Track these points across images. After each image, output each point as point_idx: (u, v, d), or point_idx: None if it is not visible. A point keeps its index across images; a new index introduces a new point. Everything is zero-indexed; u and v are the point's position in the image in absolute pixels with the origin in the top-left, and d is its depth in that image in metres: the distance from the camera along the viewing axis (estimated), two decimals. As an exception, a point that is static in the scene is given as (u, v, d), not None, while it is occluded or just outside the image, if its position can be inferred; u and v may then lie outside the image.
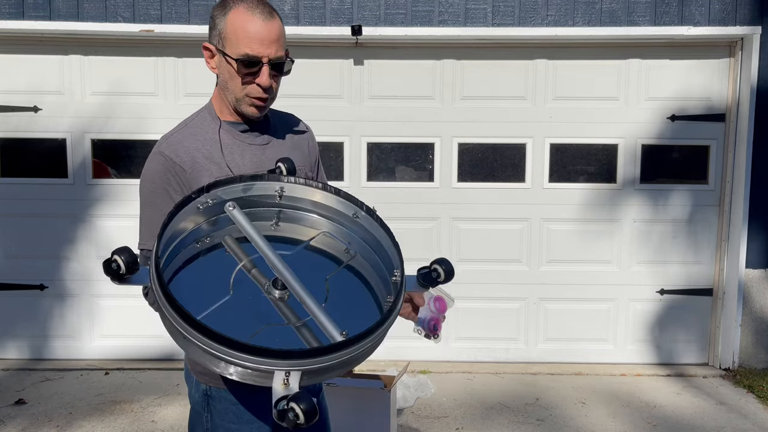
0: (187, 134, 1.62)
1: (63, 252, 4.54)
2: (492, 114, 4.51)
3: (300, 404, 1.08)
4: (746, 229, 4.37)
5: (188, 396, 1.68)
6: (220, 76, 1.62)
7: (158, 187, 1.55)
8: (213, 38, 1.59)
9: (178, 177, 1.55)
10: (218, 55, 1.59)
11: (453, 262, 1.72)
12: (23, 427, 3.52)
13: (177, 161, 1.55)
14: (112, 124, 4.48)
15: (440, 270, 1.62)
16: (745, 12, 4.26)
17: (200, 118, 1.66)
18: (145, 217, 1.56)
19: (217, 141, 1.60)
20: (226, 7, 1.53)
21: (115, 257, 1.22)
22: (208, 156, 1.58)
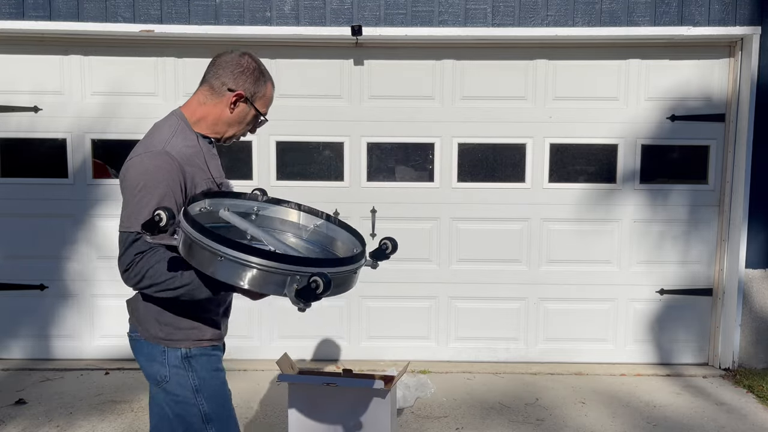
0: (180, 141, 1.86)
1: (63, 252, 4.55)
2: (492, 114, 4.51)
3: (320, 276, 1.48)
4: (746, 229, 4.38)
5: (154, 375, 1.92)
6: (233, 114, 1.94)
7: (170, 180, 1.77)
8: (246, 90, 1.92)
9: (181, 176, 1.80)
10: (247, 104, 1.94)
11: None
12: (23, 427, 3.52)
13: (180, 162, 1.80)
14: (112, 124, 4.48)
15: (389, 244, 1.96)
16: (745, 12, 4.26)
17: (181, 128, 1.90)
18: (150, 205, 1.72)
19: (199, 150, 1.91)
20: (264, 77, 1.96)
21: (159, 211, 1.52)
22: (195, 161, 1.87)
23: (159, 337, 1.90)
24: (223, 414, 1.91)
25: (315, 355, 4.61)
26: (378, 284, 4.55)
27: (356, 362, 4.49)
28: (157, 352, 1.91)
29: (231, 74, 1.91)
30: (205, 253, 1.55)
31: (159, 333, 1.90)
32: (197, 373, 1.89)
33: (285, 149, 4.52)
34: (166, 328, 1.89)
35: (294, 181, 4.53)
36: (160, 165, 1.77)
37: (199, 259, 1.58)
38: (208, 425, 1.88)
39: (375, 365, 4.47)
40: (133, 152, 1.85)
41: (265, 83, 1.96)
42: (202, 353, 1.91)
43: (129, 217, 1.76)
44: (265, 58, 4.41)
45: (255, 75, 1.93)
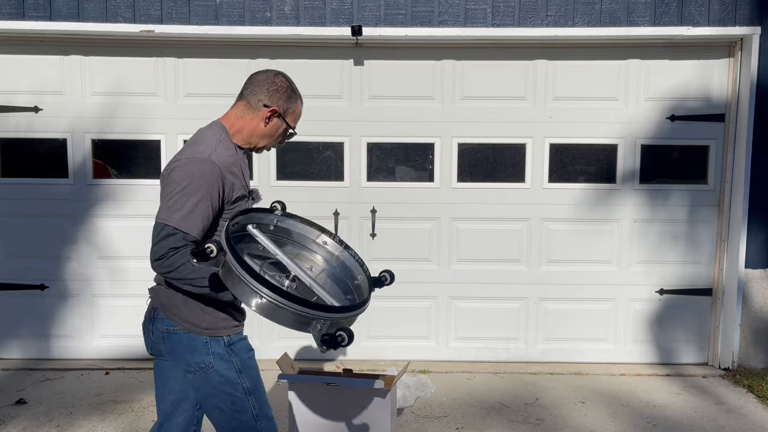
0: (223, 150, 2.09)
1: (63, 252, 4.55)
2: (492, 114, 4.51)
3: (344, 331, 1.74)
4: (746, 229, 4.38)
5: (195, 364, 2.10)
6: (267, 127, 2.19)
7: (210, 186, 1.99)
8: (279, 105, 2.17)
9: (221, 182, 2.03)
10: (279, 119, 2.18)
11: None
12: (24, 426, 3.53)
13: (222, 171, 2.03)
14: (112, 125, 4.49)
15: (388, 276, 2.21)
16: (745, 12, 4.26)
17: (224, 140, 2.15)
18: (199, 208, 1.97)
19: (238, 159, 2.14)
20: (295, 95, 2.21)
21: (210, 244, 1.74)
22: (234, 170, 2.10)
23: (202, 328, 2.09)
24: (258, 386, 2.21)
25: (315, 354, 4.61)
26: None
27: (356, 362, 4.50)
28: (200, 343, 2.09)
29: (266, 92, 2.18)
30: (246, 288, 1.75)
31: (202, 324, 2.09)
32: (238, 356, 2.15)
33: (285, 149, 4.52)
34: (207, 318, 2.09)
35: (294, 181, 4.54)
36: (204, 170, 1.98)
37: (239, 291, 1.78)
38: (250, 397, 2.16)
39: (375, 365, 4.47)
40: (179, 154, 2.08)
41: (296, 101, 2.21)
42: (239, 338, 2.18)
43: (167, 211, 1.95)
44: (265, 58, 4.43)
45: (288, 93, 2.18)
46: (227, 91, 4.45)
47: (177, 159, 2.06)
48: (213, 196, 1.99)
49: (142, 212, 4.52)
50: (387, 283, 2.20)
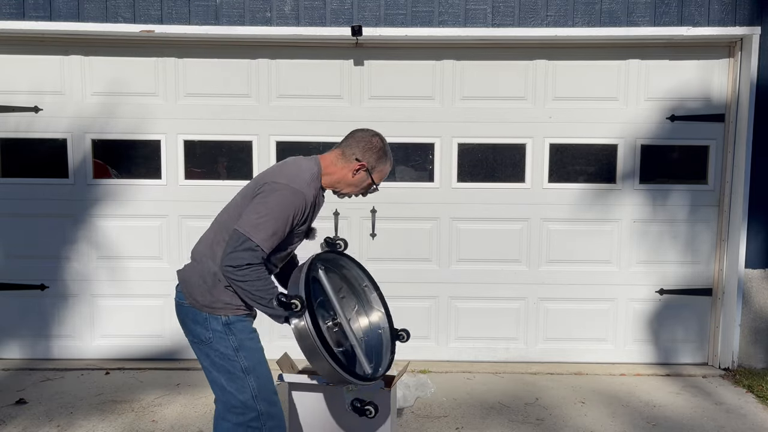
0: (312, 189, 2.35)
1: (63, 252, 4.55)
2: (492, 114, 4.51)
3: (372, 406, 2.40)
4: (745, 229, 4.38)
5: (198, 335, 2.36)
6: (354, 178, 2.44)
7: (294, 216, 2.28)
8: (369, 163, 2.43)
9: (302, 213, 2.31)
10: (366, 174, 2.44)
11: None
12: (24, 426, 3.53)
13: (308, 203, 2.32)
14: (112, 125, 4.49)
15: (405, 335, 2.62)
16: (745, 12, 4.26)
17: (316, 178, 2.40)
18: (277, 228, 2.24)
19: (316, 198, 2.40)
20: (386, 157, 2.47)
21: (296, 301, 2.16)
22: (310, 206, 2.36)
23: (202, 305, 2.33)
24: (259, 368, 2.37)
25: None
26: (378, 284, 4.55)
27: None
28: (201, 318, 2.34)
29: (361, 148, 2.42)
30: (318, 354, 2.18)
31: (204, 302, 2.33)
32: (236, 335, 2.34)
33: (285, 149, 4.52)
34: (210, 298, 2.33)
35: (294, 181, 4.53)
36: (296, 203, 2.26)
37: (308, 353, 2.22)
38: (248, 376, 2.33)
39: (375, 365, 4.47)
40: (278, 176, 2.31)
41: (385, 162, 2.47)
42: (239, 320, 2.36)
43: (255, 228, 2.20)
44: (265, 58, 4.43)
45: (379, 153, 2.44)
46: (227, 91, 4.48)
47: (276, 181, 2.29)
48: (292, 222, 2.28)
49: (143, 212, 4.53)
50: (403, 340, 2.59)
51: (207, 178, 4.56)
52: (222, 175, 4.59)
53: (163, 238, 4.56)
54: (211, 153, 4.59)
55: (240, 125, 4.49)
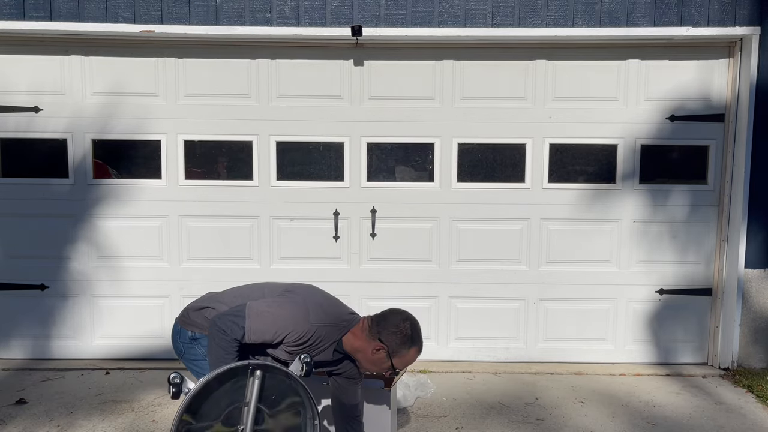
0: (326, 332, 2.40)
1: (64, 252, 4.55)
2: (492, 114, 4.51)
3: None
4: (745, 229, 4.38)
5: (177, 345, 2.63)
6: (373, 356, 2.40)
7: (286, 332, 2.34)
8: (390, 346, 2.37)
9: (297, 339, 2.36)
10: (386, 355, 2.38)
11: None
12: (24, 426, 3.53)
13: (305, 336, 2.36)
14: (112, 124, 4.49)
15: None
16: (745, 12, 4.27)
17: (340, 332, 2.44)
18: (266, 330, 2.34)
19: (324, 347, 2.43)
20: (410, 344, 2.40)
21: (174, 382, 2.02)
22: (313, 345, 2.39)
23: (184, 320, 2.62)
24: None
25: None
26: (378, 284, 4.56)
27: (356, 362, 4.50)
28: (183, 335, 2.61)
29: (387, 329, 2.39)
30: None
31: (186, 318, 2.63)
32: (200, 346, 2.55)
33: (285, 149, 4.53)
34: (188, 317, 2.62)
35: (294, 181, 4.53)
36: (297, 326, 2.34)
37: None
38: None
39: (375, 365, 4.47)
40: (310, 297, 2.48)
41: (409, 349, 2.39)
42: (201, 336, 2.56)
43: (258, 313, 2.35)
44: (265, 58, 4.44)
45: (403, 339, 2.38)
46: (227, 92, 4.48)
47: (306, 295, 2.47)
48: (281, 338, 2.35)
49: (143, 212, 4.53)
50: None
51: (207, 178, 4.57)
52: (222, 175, 4.59)
53: (163, 238, 4.56)
54: (211, 153, 4.59)
55: (240, 125, 4.49)
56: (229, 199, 4.50)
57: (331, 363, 2.52)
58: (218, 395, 1.98)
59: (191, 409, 1.93)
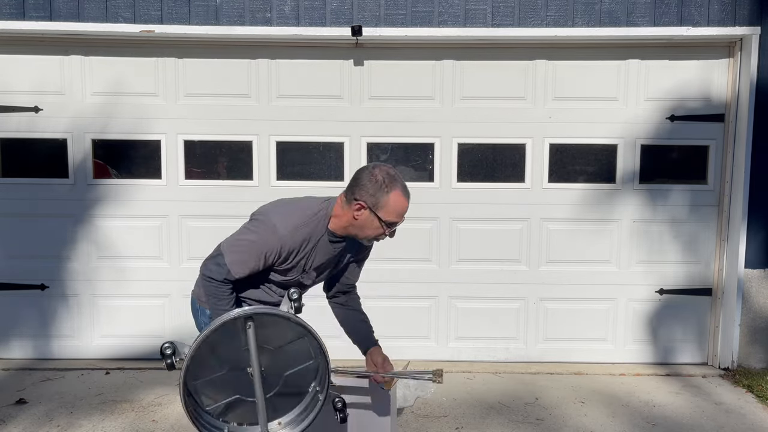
0: (305, 233, 2.25)
1: (64, 252, 4.55)
2: (492, 114, 4.52)
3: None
4: (745, 229, 4.38)
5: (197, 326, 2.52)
6: (358, 221, 2.23)
7: (267, 255, 2.22)
8: (368, 200, 2.19)
9: (278, 255, 2.24)
10: (369, 213, 2.20)
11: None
12: (24, 426, 3.53)
13: (283, 247, 2.22)
14: (112, 125, 4.49)
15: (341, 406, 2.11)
16: (745, 12, 4.27)
17: (320, 224, 2.28)
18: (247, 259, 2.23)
19: (311, 242, 2.27)
20: (388, 187, 2.18)
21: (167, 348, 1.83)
22: (301, 252, 2.27)
23: (198, 296, 2.49)
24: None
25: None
26: (378, 284, 4.56)
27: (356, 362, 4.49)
28: (195, 308, 2.52)
29: (359, 187, 2.20)
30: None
31: (198, 293, 2.49)
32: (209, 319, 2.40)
33: (285, 149, 4.53)
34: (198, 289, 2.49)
35: (294, 181, 4.54)
36: (270, 244, 2.20)
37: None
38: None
39: (375, 365, 4.47)
40: (273, 210, 2.30)
41: (388, 194, 2.18)
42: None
43: (231, 246, 2.25)
44: (264, 58, 4.44)
45: (378, 187, 2.18)
46: (227, 91, 4.48)
47: (268, 211, 2.30)
48: (265, 260, 2.23)
49: (143, 212, 4.53)
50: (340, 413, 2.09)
51: (207, 178, 4.57)
52: (222, 175, 4.59)
53: (163, 238, 4.56)
54: (211, 153, 4.59)
55: (240, 125, 4.49)
56: (229, 199, 4.50)
57: (342, 255, 2.40)
58: (219, 348, 1.95)
59: (193, 373, 1.89)
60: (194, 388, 1.92)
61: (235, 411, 2.00)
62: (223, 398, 1.97)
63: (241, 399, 1.98)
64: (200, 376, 1.92)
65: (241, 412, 2.00)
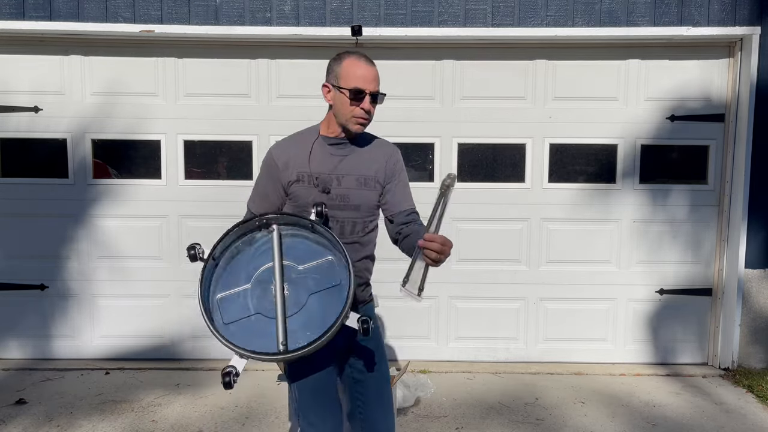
0: (292, 142, 2.22)
1: (63, 252, 4.55)
2: (492, 114, 4.51)
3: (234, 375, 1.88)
4: (745, 229, 4.38)
5: None
6: (334, 105, 2.17)
7: (264, 174, 2.22)
8: (330, 79, 2.17)
9: (274, 171, 2.18)
10: (334, 90, 2.14)
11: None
12: (24, 426, 3.53)
13: (276, 161, 2.18)
14: (112, 124, 4.49)
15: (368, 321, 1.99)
16: (745, 12, 4.27)
17: (308, 131, 2.24)
18: (259, 192, 2.25)
19: (305, 148, 2.19)
20: (340, 58, 2.16)
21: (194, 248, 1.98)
22: (298, 160, 2.17)
23: None
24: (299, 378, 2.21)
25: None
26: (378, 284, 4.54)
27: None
28: None
29: (327, 74, 2.20)
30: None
31: None
32: None
33: (285, 149, 4.52)
34: None
35: (294, 181, 4.53)
36: (265, 160, 2.21)
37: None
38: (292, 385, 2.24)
39: (375, 365, 4.47)
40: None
41: (341, 62, 2.14)
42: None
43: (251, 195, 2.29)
44: (264, 58, 4.43)
45: (331, 62, 2.16)
46: (227, 91, 4.48)
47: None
48: (270, 180, 2.19)
49: (143, 212, 4.53)
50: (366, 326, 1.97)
51: (207, 178, 4.57)
52: (222, 175, 4.59)
53: (163, 238, 4.56)
54: (211, 153, 4.59)
55: (240, 125, 4.49)
56: (228, 199, 4.49)
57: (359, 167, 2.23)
58: (243, 260, 2.00)
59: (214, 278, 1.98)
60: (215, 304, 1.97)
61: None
62: (242, 315, 1.97)
63: (262, 315, 1.97)
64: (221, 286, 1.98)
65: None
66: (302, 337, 1.92)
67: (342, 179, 2.18)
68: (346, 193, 2.19)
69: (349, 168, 2.21)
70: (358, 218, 2.29)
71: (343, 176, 2.19)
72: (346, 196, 2.20)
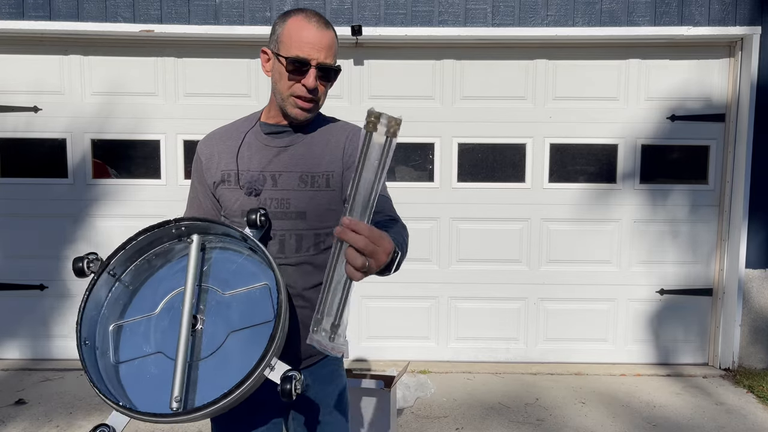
0: (223, 132, 1.77)
1: (63, 252, 4.55)
2: (492, 114, 4.51)
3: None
4: (746, 229, 4.38)
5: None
6: (272, 79, 1.67)
7: (192, 174, 1.81)
8: (271, 43, 1.66)
9: (199, 169, 1.77)
10: (273, 58, 1.65)
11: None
12: (23, 427, 3.52)
13: (200, 156, 1.76)
14: (112, 124, 4.48)
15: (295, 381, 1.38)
16: (745, 12, 4.26)
17: (247, 118, 1.79)
18: (190, 197, 1.82)
19: (239, 141, 1.72)
20: (286, 16, 1.64)
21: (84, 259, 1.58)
22: (224, 155, 1.73)
23: None
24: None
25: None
26: (378, 284, 4.55)
27: (356, 362, 4.50)
28: None
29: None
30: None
31: None
32: None
33: (285, 149, 4.52)
34: None
35: (294, 181, 4.53)
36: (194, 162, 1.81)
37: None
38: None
39: (375, 365, 4.47)
40: None
41: (284, 23, 1.61)
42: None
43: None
44: (265, 58, 4.42)
45: (277, 20, 1.64)
46: (227, 91, 4.48)
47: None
48: (198, 181, 1.77)
49: (143, 212, 4.52)
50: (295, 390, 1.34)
51: (207, 178, 4.56)
52: (222, 175, 4.59)
53: (163, 238, 4.55)
54: (211, 153, 4.58)
55: (240, 125, 4.48)
56: (228, 199, 4.49)
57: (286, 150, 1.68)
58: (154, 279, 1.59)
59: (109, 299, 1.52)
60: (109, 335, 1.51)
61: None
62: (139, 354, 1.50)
63: (163, 356, 1.49)
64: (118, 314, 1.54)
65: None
66: (212, 391, 1.39)
67: (278, 178, 1.65)
68: (285, 197, 1.65)
69: (289, 163, 1.66)
70: (305, 230, 1.66)
71: (280, 174, 1.66)
72: (285, 201, 1.65)
